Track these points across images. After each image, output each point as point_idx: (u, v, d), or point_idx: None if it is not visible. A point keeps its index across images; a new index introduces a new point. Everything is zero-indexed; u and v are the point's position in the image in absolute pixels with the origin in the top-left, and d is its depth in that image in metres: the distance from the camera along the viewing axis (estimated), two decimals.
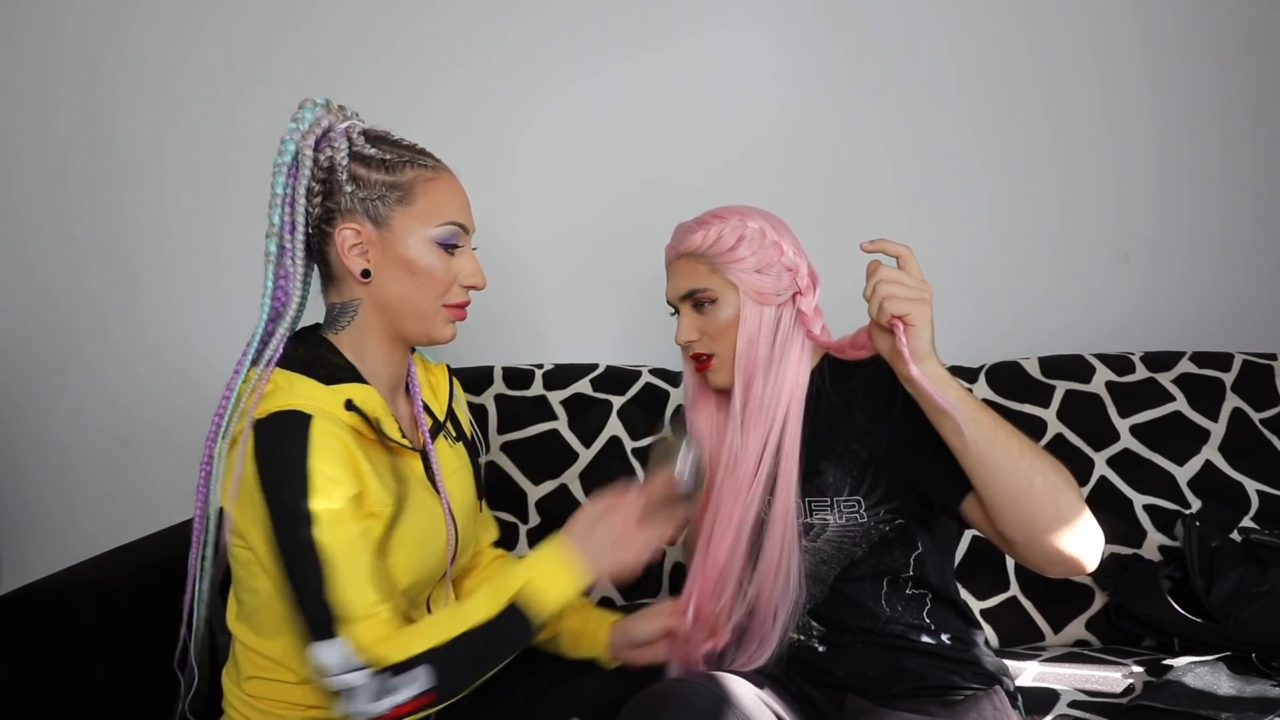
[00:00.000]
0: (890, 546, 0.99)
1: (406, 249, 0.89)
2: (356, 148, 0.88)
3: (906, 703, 0.96)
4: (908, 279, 0.82)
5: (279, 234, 0.87)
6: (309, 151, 0.86)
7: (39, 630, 0.98)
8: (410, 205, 0.89)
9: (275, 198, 0.86)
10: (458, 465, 1.03)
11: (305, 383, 0.85)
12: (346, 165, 0.87)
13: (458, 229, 0.91)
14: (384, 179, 0.88)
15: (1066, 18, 1.57)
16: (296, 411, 0.81)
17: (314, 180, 0.87)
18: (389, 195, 0.88)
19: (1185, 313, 1.61)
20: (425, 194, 0.90)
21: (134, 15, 1.61)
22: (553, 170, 1.61)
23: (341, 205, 0.87)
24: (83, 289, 1.68)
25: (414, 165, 0.90)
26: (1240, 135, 1.59)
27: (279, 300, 0.88)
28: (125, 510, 1.67)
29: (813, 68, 1.59)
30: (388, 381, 0.95)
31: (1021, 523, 0.82)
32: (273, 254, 0.87)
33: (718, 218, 1.01)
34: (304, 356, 0.88)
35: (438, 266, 0.90)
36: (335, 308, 0.93)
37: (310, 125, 0.86)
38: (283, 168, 0.86)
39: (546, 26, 1.59)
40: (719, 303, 1.00)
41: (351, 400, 0.85)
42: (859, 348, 0.95)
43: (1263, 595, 1.18)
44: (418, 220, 0.89)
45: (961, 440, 0.82)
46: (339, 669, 0.77)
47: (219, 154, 1.63)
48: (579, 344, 1.64)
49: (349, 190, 0.87)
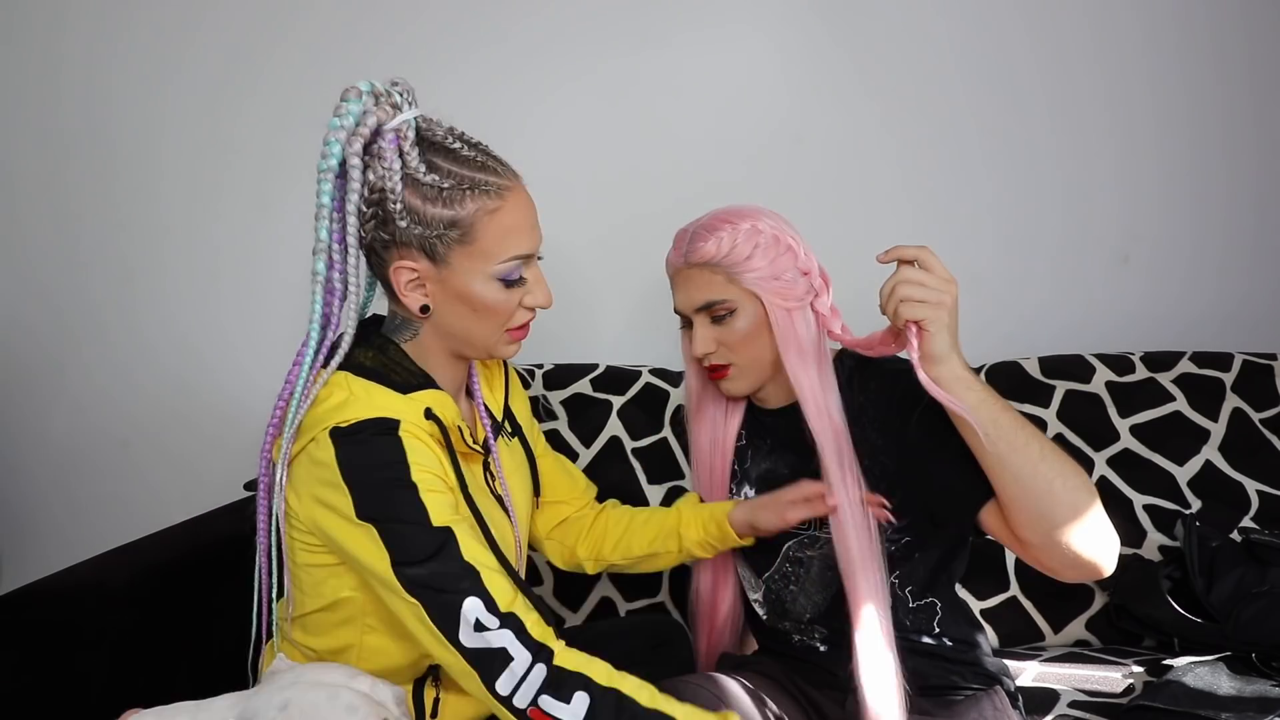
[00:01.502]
0: (897, 564, 0.98)
1: (468, 287, 0.83)
2: (410, 170, 0.79)
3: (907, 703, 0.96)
4: (930, 280, 0.80)
5: (326, 250, 0.79)
6: (357, 162, 0.77)
7: (39, 630, 0.98)
8: (471, 244, 0.81)
9: (321, 208, 0.78)
10: (516, 464, 1.02)
11: (383, 393, 0.81)
12: (400, 194, 0.78)
13: (520, 262, 0.84)
14: (442, 215, 0.79)
15: (1068, 19, 1.57)
16: (384, 419, 0.78)
17: (364, 201, 0.79)
18: (448, 234, 0.80)
19: (1185, 313, 1.61)
20: (487, 230, 0.81)
21: (132, 16, 1.61)
22: (552, 171, 1.59)
23: (396, 237, 0.80)
24: (81, 289, 1.68)
25: (475, 192, 0.80)
26: (1241, 136, 1.59)
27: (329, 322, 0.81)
28: (125, 510, 1.67)
29: (814, 68, 1.59)
30: (452, 387, 0.91)
31: (1040, 525, 0.81)
32: (320, 273, 0.79)
33: (728, 223, 0.96)
34: (375, 363, 0.84)
35: (500, 300, 0.84)
36: (398, 319, 0.89)
37: (356, 125, 0.77)
38: (328, 174, 0.77)
39: (545, 26, 1.58)
40: (738, 313, 0.97)
41: (431, 409, 0.82)
42: (884, 346, 0.91)
43: (1263, 595, 1.18)
44: (479, 260, 0.82)
45: (980, 441, 0.81)
46: (491, 624, 0.73)
47: (217, 155, 1.63)
48: (579, 344, 1.64)
49: (403, 225, 0.79)
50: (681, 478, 1.41)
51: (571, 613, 1.39)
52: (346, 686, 0.67)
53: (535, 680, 0.73)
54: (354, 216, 0.78)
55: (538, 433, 1.13)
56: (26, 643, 0.97)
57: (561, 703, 0.72)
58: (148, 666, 1.04)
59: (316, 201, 0.78)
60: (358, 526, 0.77)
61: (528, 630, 0.75)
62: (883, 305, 0.83)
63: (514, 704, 0.73)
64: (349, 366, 0.83)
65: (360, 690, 0.67)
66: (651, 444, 1.43)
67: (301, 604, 0.89)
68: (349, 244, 0.79)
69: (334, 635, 0.88)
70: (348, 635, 0.88)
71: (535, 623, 0.76)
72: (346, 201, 0.78)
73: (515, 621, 0.74)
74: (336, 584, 0.85)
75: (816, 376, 0.96)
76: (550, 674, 0.73)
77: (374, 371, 0.83)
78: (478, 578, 0.75)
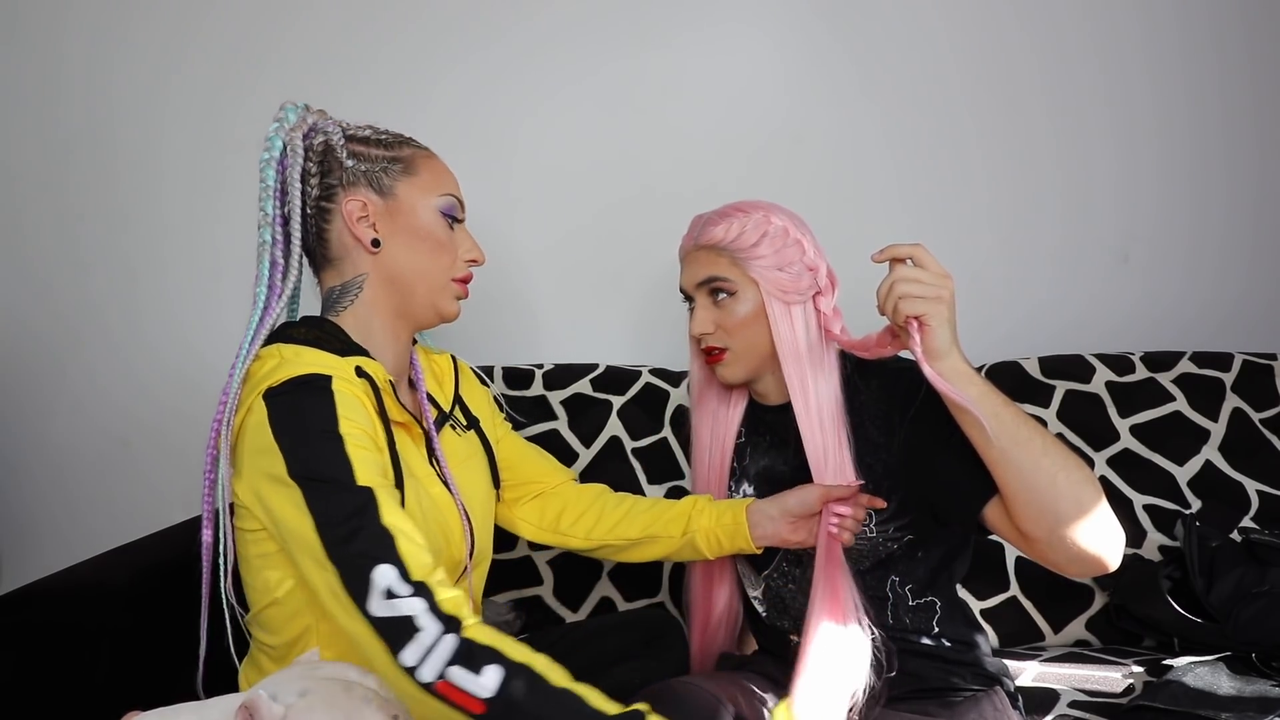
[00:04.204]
0: (897, 562, 0.99)
1: (415, 217, 0.91)
2: (350, 131, 0.92)
3: (907, 703, 0.96)
4: (926, 276, 0.81)
5: (271, 223, 0.88)
6: (298, 140, 0.88)
7: (39, 630, 0.98)
8: (414, 176, 0.91)
9: (266, 189, 0.88)
10: (469, 452, 1.02)
11: (314, 353, 0.84)
12: (343, 144, 0.90)
13: (456, 201, 0.94)
14: (384, 154, 0.91)
15: (1068, 19, 1.57)
16: (315, 373, 0.80)
17: (309, 162, 0.88)
18: (391, 167, 0.91)
19: (1185, 313, 1.61)
20: (425, 167, 0.93)
21: (133, 16, 1.61)
22: (552, 171, 1.61)
23: (344, 180, 0.89)
24: (82, 289, 1.68)
25: (408, 145, 0.94)
26: (1241, 135, 1.59)
27: (274, 288, 0.89)
28: (125, 510, 1.67)
29: (813, 67, 1.59)
30: (393, 367, 0.93)
31: (1044, 519, 0.81)
32: (266, 242, 0.88)
33: (741, 211, 0.99)
34: (310, 335, 0.87)
35: (444, 236, 0.92)
36: (335, 290, 0.92)
37: (296, 122, 0.89)
38: (271, 161, 0.88)
39: (545, 27, 1.58)
40: (737, 296, 0.98)
41: (361, 368, 0.84)
42: (881, 347, 0.92)
43: (1263, 595, 1.18)
44: (421, 190, 0.91)
45: (983, 436, 0.81)
46: (402, 591, 0.71)
47: (218, 154, 1.63)
48: (579, 344, 1.64)
49: (349, 165, 0.89)
50: (681, 478, 1.41)
51: (571, 612, 1.39)
52: (360, 683, 0.67)
53: (444, 651, 0.70)
54: (297, 185, 0.87)
55: (500, 423, 1.13)
56: (26, 643, 0.97)
57: (472, 673, 0.70)
58: (148, 666, 1.04)
59: (260, 185, 0.88)
60: (288, 488, 0.76)
61: (438, 603, 0.72)
62: (881, 305, 0.84)
63: (420, 676, 0.70)
64: (281, 338, 0.86)
65: (371, 686, 0.68)
66: (651, 444, 1.43)
67: (255, 601, 0.90)
68: (292, 216, 0.88)
69: (290, 626, 0.88)
70: (303, 623, 0.87)
71: (449, 598, 0.73)
72: (289, 173, 0.88)
73: (427, 591, 0.72)
74: (284, 572, 0.85)
75: (809, 374, 0.96)
76: (460, 645, 0.71)
77: (307, 340, 0.86)
78: (392, 543, 0.74)
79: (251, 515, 0.84)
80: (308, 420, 0.78)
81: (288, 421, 0.78)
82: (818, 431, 0.95)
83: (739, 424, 1.09)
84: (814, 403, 0.96)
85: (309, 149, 0.89)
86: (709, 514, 1.03)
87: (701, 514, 1.03)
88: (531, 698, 0.70)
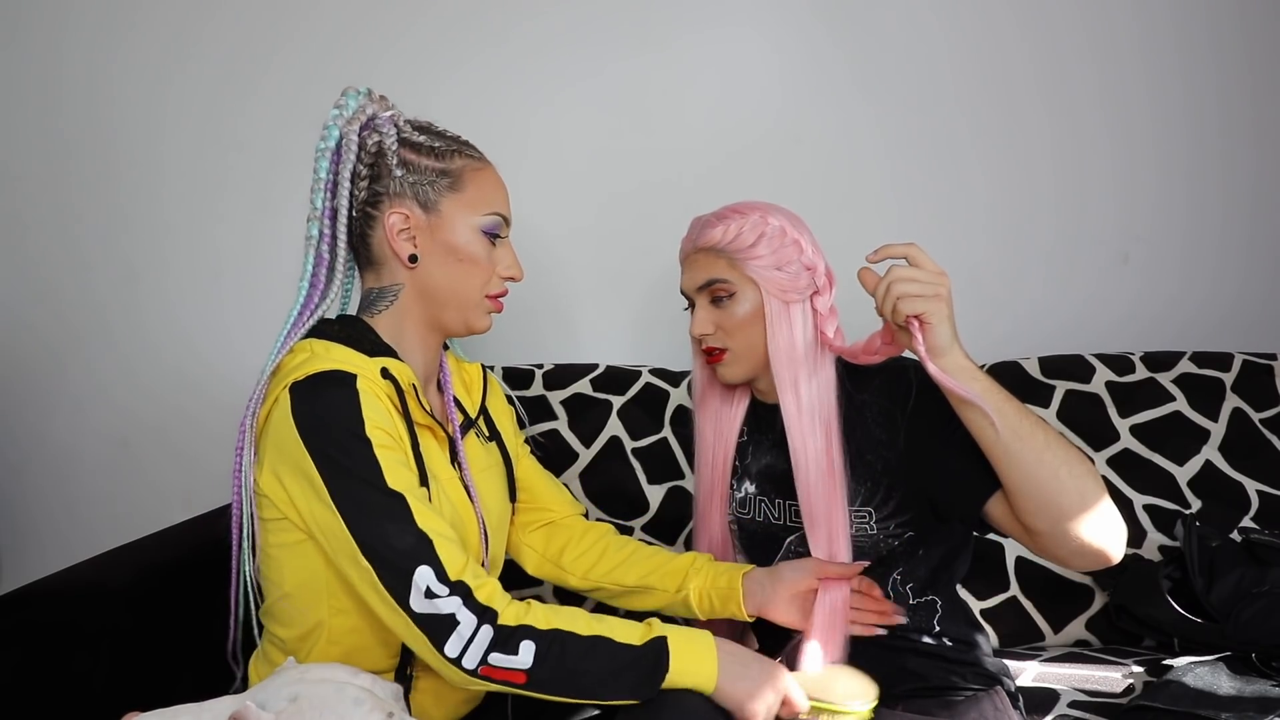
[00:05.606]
0: (898, 560, 0.99)
1: (454, 235, 0.89)
2: (405, 134, 0.89)
3: (907, 703, 0.96)
4: (922, 275, 0.81)
5: (320, 218, 0.87)
6: (354, 136, 0.86)
7: (39, 630, 0.98)
8: (460, 193, 0.90)
9: (318, 181, 0.87)
10: (489, 463, 1.02)
11: (344, 350, 0.84)
12: (396, 150, 0.88)
13: (501, 220, 0.93)
14: (434, 165, 0.89)
15: (1064, 18, 1.57)
16: (340, 371, 0.81)
17: (360, 164, 0.87)
18: (439, 181, 0.89)
19: (1184, 312, 1.61)
20: (473, 182, 0.91)
21: (134, 16, 1.61)
22: (552, 171, 1.61)
23: (390, 189, 0.88)
24: (83, 288, 1.68)
25: (462, 154, 0.91)
26: (1239, 135, 1.59)
27: (316, 284, 0.88)
28: (125, 510, 1.67)
29: (811, 68, 1.59)
30: (422, 370, 0.94)
31: (1048, 513, 0.82)
32: (313, 237, 0.88)
33: (738, 213, 0.99)
34: (342, 332, 0.87)
35: (482, 255, 0.91)
36: (374, 292, 0.92)
37: (355, 112, 0.87)
38: (326, 152, 0.87)
39: (546, 28, 1.59)
40: (737, 297, 0.98)
41: (387, 369, 0.84)
42: (872, 352, 0.92)
43: (1263, 595, 1.18)
44: (466, 208, 0.90)
45: (988, 431, 0.82)
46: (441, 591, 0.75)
47: (219, 154, 1.63)
48: (579, 344, 1.64)
49: (399, 175, 0.88)
50: (682, 478, 1.42)
51: None
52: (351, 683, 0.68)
53: (483, 641, 0.75)
54: (347, 184, 0.86)
55: (520, 444, 1.13)
56: (26, 643, 0.97)
57: (510, 655, 0.76)
58: (148, 666, 1.04)
59: (314, 177, 0.87)
60: (314, 484, 0.78)
61: (475, 596, 0.77)
62: (879, 305, 0.84)
63: (464, 665, 0.75)
64: (315, 334, 0.87)
65: (363, 685, 0.68)
66: (651, 444, 1.44)
67: (270, 591, 0.90)
68: (339, 213, 0.87)
69: (302, 620, 0.88)
70: (316, 617, 0.87)
71: (481, 587, 0.78)
72: (341, 169, 0.86)
73: (464, 588, 0.77)
74: (299, 564, 0.86)
75: (801, 375, 0.96)
76: (496, 633, 0.76)
77: (339, 337, 0.86)
78: (430, 546, 0.77)
79: (271, 504, 0.84)
80: (333, 418, 0.79)
81: (311, 417, 0.79)
82: (805, 434, 0.96)
83: (741, 423, 1.09)
84: (805, 404, 0.96)
85: (363, 147, 0.87)
86: (706, 574, 1.01)
87: (699, 573, 1.01)
88: (565, 657, 0.76)
